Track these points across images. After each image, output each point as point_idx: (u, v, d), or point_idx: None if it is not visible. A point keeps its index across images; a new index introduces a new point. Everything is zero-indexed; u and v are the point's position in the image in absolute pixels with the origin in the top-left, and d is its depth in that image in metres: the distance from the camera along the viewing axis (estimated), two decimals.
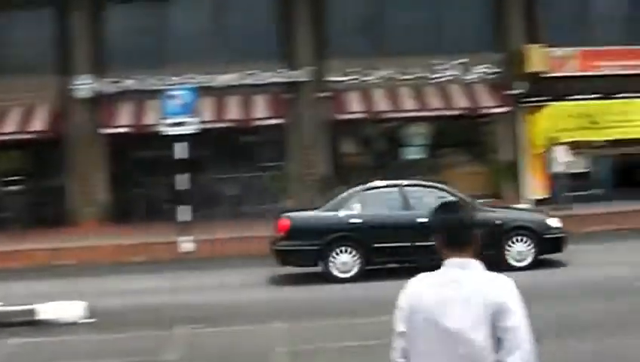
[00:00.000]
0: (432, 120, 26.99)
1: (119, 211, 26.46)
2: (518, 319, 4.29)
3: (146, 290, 16.42)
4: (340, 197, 16.92)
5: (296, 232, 16.34)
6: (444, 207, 4.64)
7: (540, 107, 26.28)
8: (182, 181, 21.73)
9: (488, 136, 28.06)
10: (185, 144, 21.43)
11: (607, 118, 26.06)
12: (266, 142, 28.14)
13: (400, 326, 4.50)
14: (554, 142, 25.37)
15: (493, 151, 27.84)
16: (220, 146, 27.43)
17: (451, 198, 12.65)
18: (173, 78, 25.27)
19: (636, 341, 10.53)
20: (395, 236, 16.28)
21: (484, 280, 4.41)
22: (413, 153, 27.43)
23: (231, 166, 27.36)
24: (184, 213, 21.54)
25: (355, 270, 16.14)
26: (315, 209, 17.19)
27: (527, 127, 26.68)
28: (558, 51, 26.53)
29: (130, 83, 26.00)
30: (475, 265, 4.43)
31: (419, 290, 4.48)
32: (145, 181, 27.38)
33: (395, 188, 16.92)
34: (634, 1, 28.01)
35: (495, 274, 4.41)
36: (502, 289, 4.35)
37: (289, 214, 17.05)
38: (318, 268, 16.44)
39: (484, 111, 26.29)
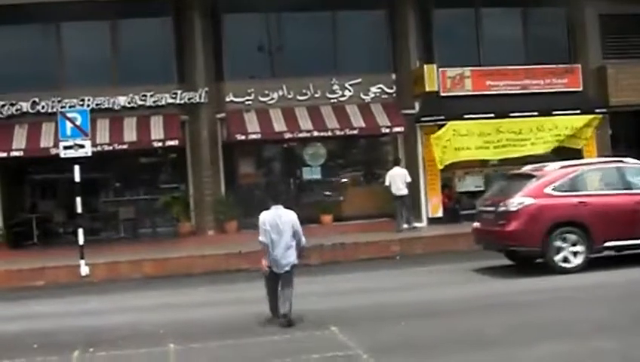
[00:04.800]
0: (330, 140, 27.12)
1: (14, 235, 25.93)
2: (299, 227, 12.94)
3: (45, 314, 16.01)
4: None
5: None
6: (273, 186, 17.43)
7: (437, 126, 26.58)
8: (77, 204, 21.41)
9: (388, 156, 28.30)
10: (78, 167, 21.12)
11: (501, 137, 26.40)
12: (164, 163, 28.02)
13: (267, 227, 12.75)
14: (396, 163, 25.84)
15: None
16: (117, 168, 27.18)
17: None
18: (68, 100, 24.96)
19: None
20: None
21: (288, 212, 12.94)
22: (312, 173, 27.55)
23: (128, 188, 27.08)
24: (80, 236, 21.22)
25: None
26: None
27: (425, 146, 26.94)
28: (452, 71, 27.00)
29: (24, 105, 25.49)
30: (283, 208, 12.95)
31: (269, 215, 12.85)
32: (41, 204, 26.92)
33: None
34: (526, 22, 28.68)
35: (289, 210, 13.05)
36: (294, 215, 12.97)
37: None
38: None
39: (381, 130, 26.48)
